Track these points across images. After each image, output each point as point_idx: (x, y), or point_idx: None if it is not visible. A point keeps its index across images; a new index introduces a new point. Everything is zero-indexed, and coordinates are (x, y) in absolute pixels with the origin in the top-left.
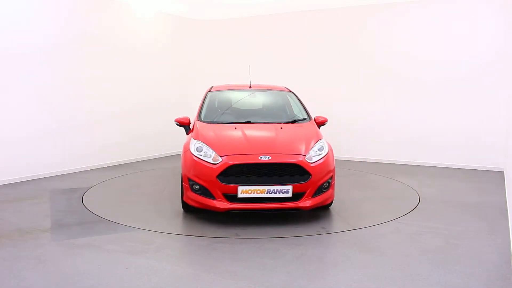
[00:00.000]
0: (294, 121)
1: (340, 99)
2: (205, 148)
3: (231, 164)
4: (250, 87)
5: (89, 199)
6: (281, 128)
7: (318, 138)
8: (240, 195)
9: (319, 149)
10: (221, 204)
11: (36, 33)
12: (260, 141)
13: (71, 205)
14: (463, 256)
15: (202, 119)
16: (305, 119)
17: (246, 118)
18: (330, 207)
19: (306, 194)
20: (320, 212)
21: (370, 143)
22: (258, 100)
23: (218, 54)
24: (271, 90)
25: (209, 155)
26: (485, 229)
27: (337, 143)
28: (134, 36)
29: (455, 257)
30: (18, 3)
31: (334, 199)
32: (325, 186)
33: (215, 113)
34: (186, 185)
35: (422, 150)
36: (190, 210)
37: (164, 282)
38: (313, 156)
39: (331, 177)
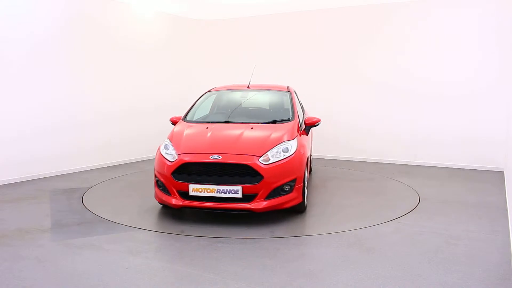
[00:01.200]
0: (274, 122)
1: (341, 99)
2: (171, 147)
3: (183, 162)
4: (248, 87)
5: (89, 199)
6: (252, 128)
7: (289, 139)
8: (191, 193)
9: (283, 150)
10: (176, 201)
11: (35, 33)
12: (220, 141)
13: (71, 205)
14: (463, 256)
15: (187, 118)
16: (288, 119)
17: (227, 118)
18: (304, 210)
19: (258, 196)
20: (300, 214)
21: (370, 143)
22: (250, 100)
23: (218, 54)
24: (269, 90)
25: (172, 154)
26: (485, 229)
27: (337, 142)
28: (134, 36)
29: (455, 257)
30: (19, 2)
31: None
32: (286, 188)
33: (201, 113)
34: (155, 181)
35: (422, 150)
36: (165, 206)
37: (164, 282)
38: (272, 157)
39: (295, 180)
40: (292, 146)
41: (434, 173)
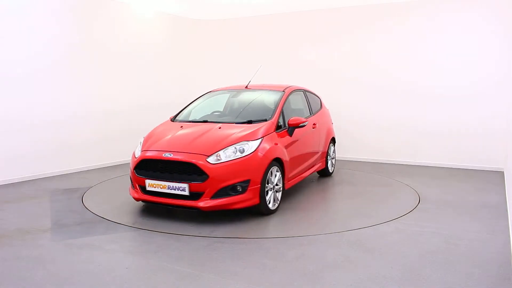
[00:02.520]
0: (250, 122)
1: (341, 99)
2: (141, 144)
3: (142, 158)
4: (246, 87)
5: (89, 199)
6: (220, 128)
7: (251, 139)
8: (147, 188)
9: (239, 151)
10: (137, 194)
11: (35, 34)
12: (179, 140)
13: (71, 205)
14: (463, 256)
15: (176, 118)
16: (265, 119)
17: (208, 118)
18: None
19: (204, 194)
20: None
21: (370, 143)
22: (241, 100)
23: (218, 54)
24: (264, 90)
25: (139, 150)
26: (485, 229)
27: (338, 142)
28: (134, 36)
29: (455, 257)
30: (18, 2)
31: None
32: (238, 189)
33: (188, 113)
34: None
35: (422, 150)
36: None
37: (164, 282)
38: (226, 156)
39: (248, 181)
40: (251, 146)
41: (434, 173)
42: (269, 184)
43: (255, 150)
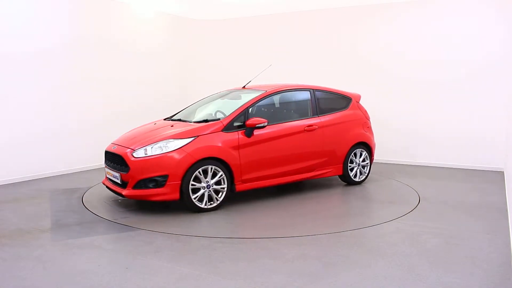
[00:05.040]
0: (206, 121)
1: None
2: None
3: (105, 150)
4: (244, 87)
5: (89, 199)
6: (172, 126)
7: (180, 137)
8: (107, 175)
9: (166, 147)
10: (103, 180)
11: (35, 34)
12: (132, 135)
13: (71, 205)
14: (463, 256)
15: (166, 117)
16: (218, 119)
17: (183, 117)
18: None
19: (128, 184)
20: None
21: None
22: (229, 101)
23: (219, 54)
24: (251, 90)
25: None
26: (485, 229)
27: None
28: (134, 36)
29: (455, 257)
30: (18, 2)
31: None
32: (158, 182)
33: (182, 113)
34: None
35: (422, 150)
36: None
37: (164, 282)
38: (151, 151)
39: (166, 176)
40: (175, 144)
41: (434, 173)
42: (202, 183)
43: (179, 148)
